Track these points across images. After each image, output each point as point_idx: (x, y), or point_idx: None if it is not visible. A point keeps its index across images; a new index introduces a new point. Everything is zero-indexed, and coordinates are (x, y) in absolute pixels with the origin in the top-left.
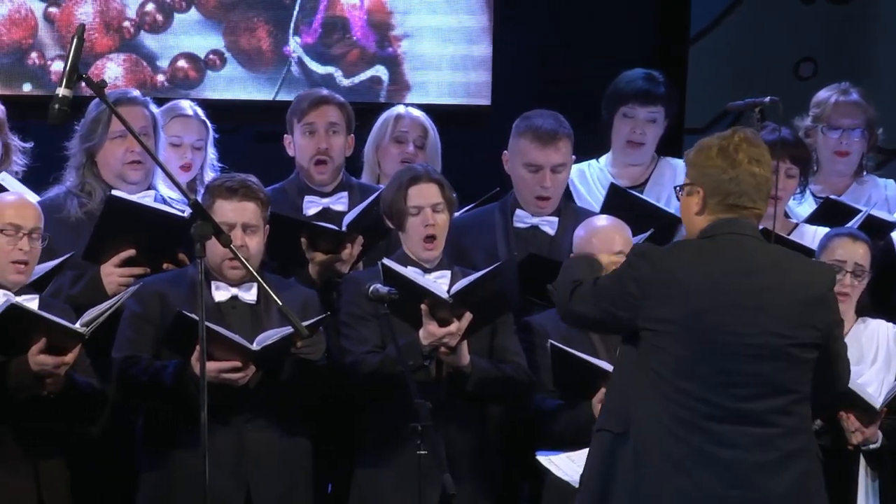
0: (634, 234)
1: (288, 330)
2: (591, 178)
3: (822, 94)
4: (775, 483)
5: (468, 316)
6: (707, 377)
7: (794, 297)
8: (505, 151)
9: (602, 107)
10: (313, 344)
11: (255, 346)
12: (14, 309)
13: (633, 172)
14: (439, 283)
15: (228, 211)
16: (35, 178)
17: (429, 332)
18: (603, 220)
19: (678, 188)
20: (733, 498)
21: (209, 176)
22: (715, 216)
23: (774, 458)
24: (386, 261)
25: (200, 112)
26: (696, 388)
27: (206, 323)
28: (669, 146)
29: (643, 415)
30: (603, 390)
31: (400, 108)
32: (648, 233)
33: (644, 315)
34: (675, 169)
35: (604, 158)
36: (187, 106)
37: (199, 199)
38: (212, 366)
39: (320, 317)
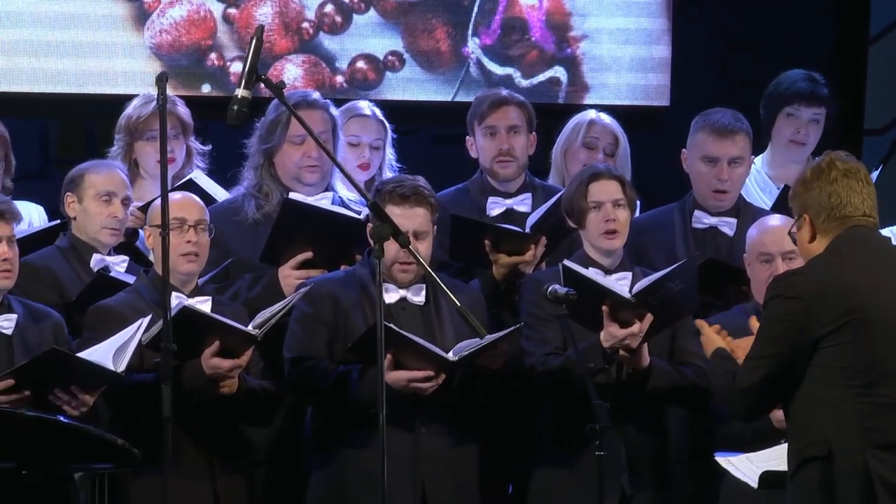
0: None
1: (485, 340)
2: (748, 179)
3: None
4: None
5: (649, 317)
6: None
7: None
8: (684, 150)
9: (761, 106)
10: (497, 356)
11: (452, 357)
12: (187, 312)
13: (790, 174)
14: (620, 284)
15: (399, 217)
16: (214, 178)
17: (610, 333)
18: (776, 220)
19: (792, 231)
20: None
21: (388, 176)
22: (828, 237)
23: None
24: (567, 262)
25: (378, 112)
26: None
27: (404, 332)
28: (849, 147)
29: (840, 424)
30: None
31: (591, 114)
32: None
33: (820, 321)
34: None
35: (759, 159)
36: (365, 106)
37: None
38: (403, 374)
39: (510, 329)
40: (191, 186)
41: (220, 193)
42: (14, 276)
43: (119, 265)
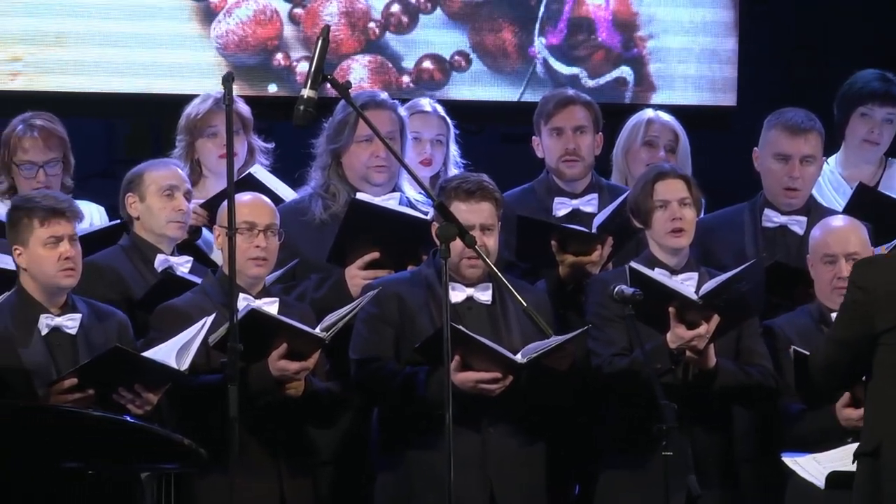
0: (880, 236)
1: (555, 341)
2: (821, 180)
3: None
4: None
5: (716, 318)
6: None
7: None
8: (755, 149)
9: (835, 106)
10: (564, 357)
11: (520, 359)
12: (255, 314)
13: (863, 174)
14: (686, 284)
15: (465, 212)
16: (280, 178)
17: (677, 334)
18: (839, 221)
19: None
20: None
21: (453, 173)
22: None
23: None
24: (633, 264)
25: (440, 108)
26: None
27: (472, 334)
28: None
29: (893, 422)
30: (847, 395)
31: (650, 112)
32: (894, 242)
33: (879, 317)
34: None
35: (832, 159)
36: (426, 102)
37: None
38: (471, 376)
39: (578, 331)
40: (250, 181)
41: (280, 188)
42: (77, 274)
43: (183, 265)
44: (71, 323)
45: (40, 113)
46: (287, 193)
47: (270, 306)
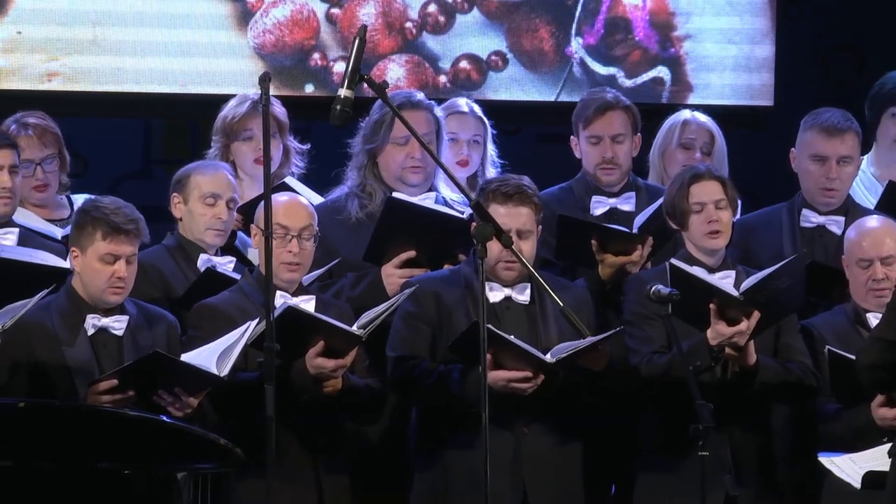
0: None
1: (585, 342)
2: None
3: None
4: None
5: (757, 314)
6: None
7: None
8: (792, 149)
9: (867, 107)
10: (599, 357)
11: (549, 358)
12: (292, 312)
13: (894, 173)
14: (724, 282)
15: (503, 216)
16: (317, 178)
17: (718, 331)
18: (874, 222)
19: None
20: None
21: (491, 173)
22: None
23: None
24: (674, 261)
25: (477, 108)
26: None
27: (502, 334)
28: None
29: None
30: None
31: (686, 114)
32: None
33: None
34: None
35: (865, 158)
36: (463, 103)
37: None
38: (502, 374)
39: (612, 331)
40: (282, 190)
41: (313, 198)
42: (125, 293)
43: (226, 265)
44: (118, 324)
45: (32, 112)
46: (317, 201)
47: (307, 303)
